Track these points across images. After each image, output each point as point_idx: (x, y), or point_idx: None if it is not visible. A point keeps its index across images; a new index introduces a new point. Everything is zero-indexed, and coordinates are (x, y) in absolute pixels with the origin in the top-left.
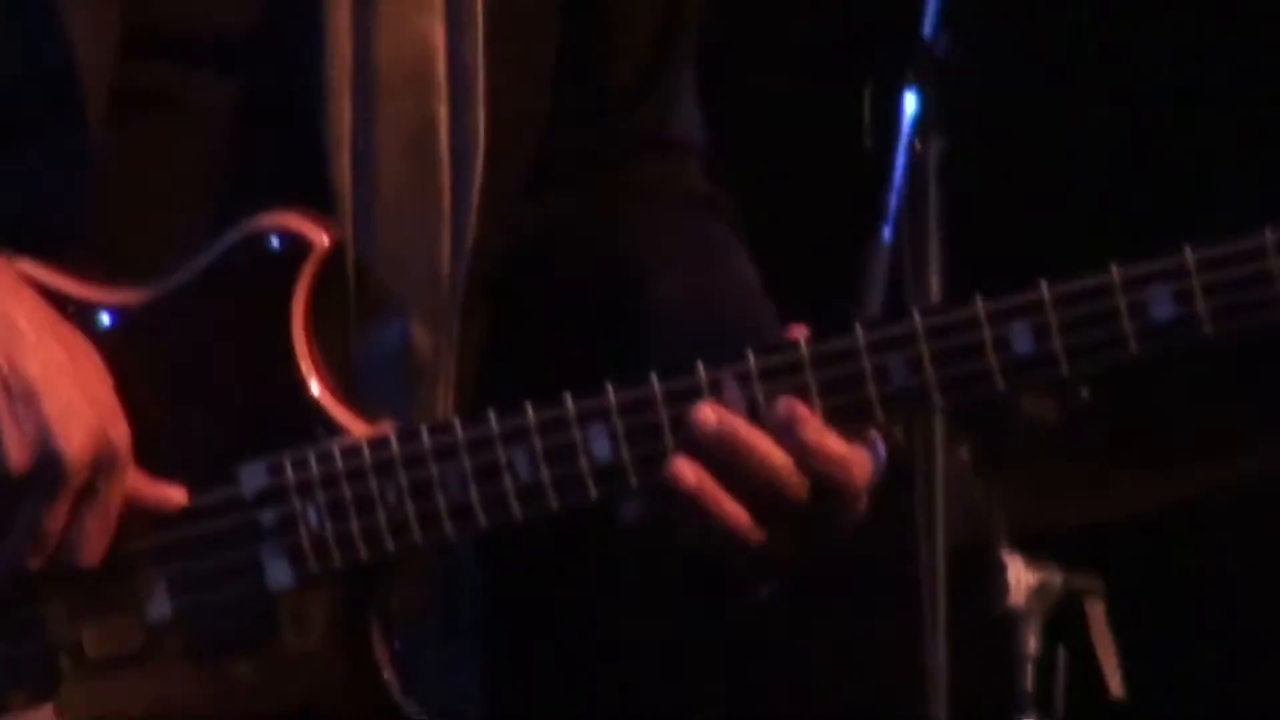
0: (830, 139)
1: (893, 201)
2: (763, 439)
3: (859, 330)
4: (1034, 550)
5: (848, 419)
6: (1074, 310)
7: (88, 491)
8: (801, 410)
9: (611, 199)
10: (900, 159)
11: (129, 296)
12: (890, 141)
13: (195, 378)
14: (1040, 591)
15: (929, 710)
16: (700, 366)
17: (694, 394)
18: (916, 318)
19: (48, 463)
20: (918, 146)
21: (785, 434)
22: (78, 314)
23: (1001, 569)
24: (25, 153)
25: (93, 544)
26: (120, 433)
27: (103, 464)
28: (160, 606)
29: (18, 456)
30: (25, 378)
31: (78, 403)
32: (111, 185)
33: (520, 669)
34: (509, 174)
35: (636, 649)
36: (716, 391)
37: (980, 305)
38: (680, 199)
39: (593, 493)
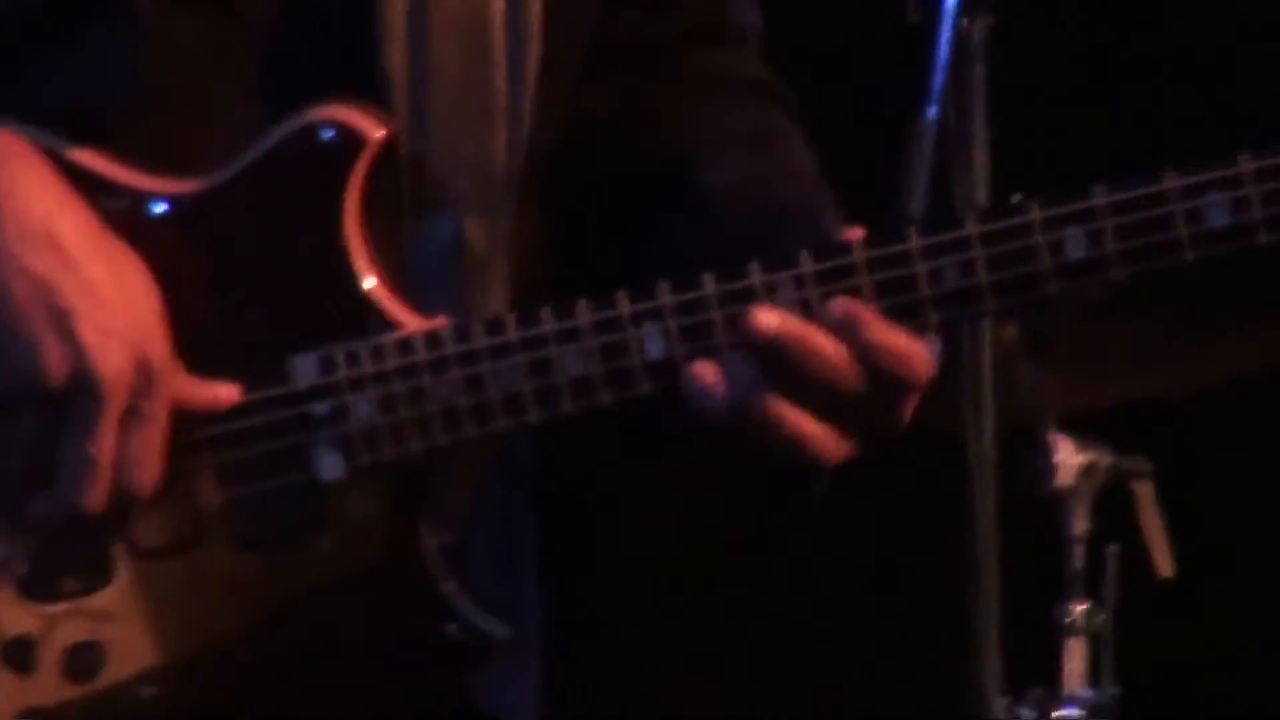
0: (874, 14)
1: (937, 79)
2: (824, 340)
3: (913, 234)
4: (1082, 431)
5: (900, 321)
6: (1128, 216)
7: (132, 411)
8: (859, 308)
9: (668, 88)
10: (945, 35)
11: (182, 187)
12: (935, 17)
13: (247, 270)
14: (1088, 472)
15: (980, 590)
16: (755, 268)
17: (749, 295)
18: (971, 224)
19: (87, 382)
20: (963, 23)
21: (845, 332)
22: (130, 202)
23: (1049, 450)
24: (79, 47)
25: (145, 467)
26: (159, 352)
27: (141, 384)
28: (212, 496)
29: (55, 374)
30: (65, 296)
31: (116, 323)
32: (164, 79)
33: (575, 583)
34: (565, 66)
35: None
36: (771, 294)
37: (1036, 211)
38: (737, 86)
39: (644, 387)
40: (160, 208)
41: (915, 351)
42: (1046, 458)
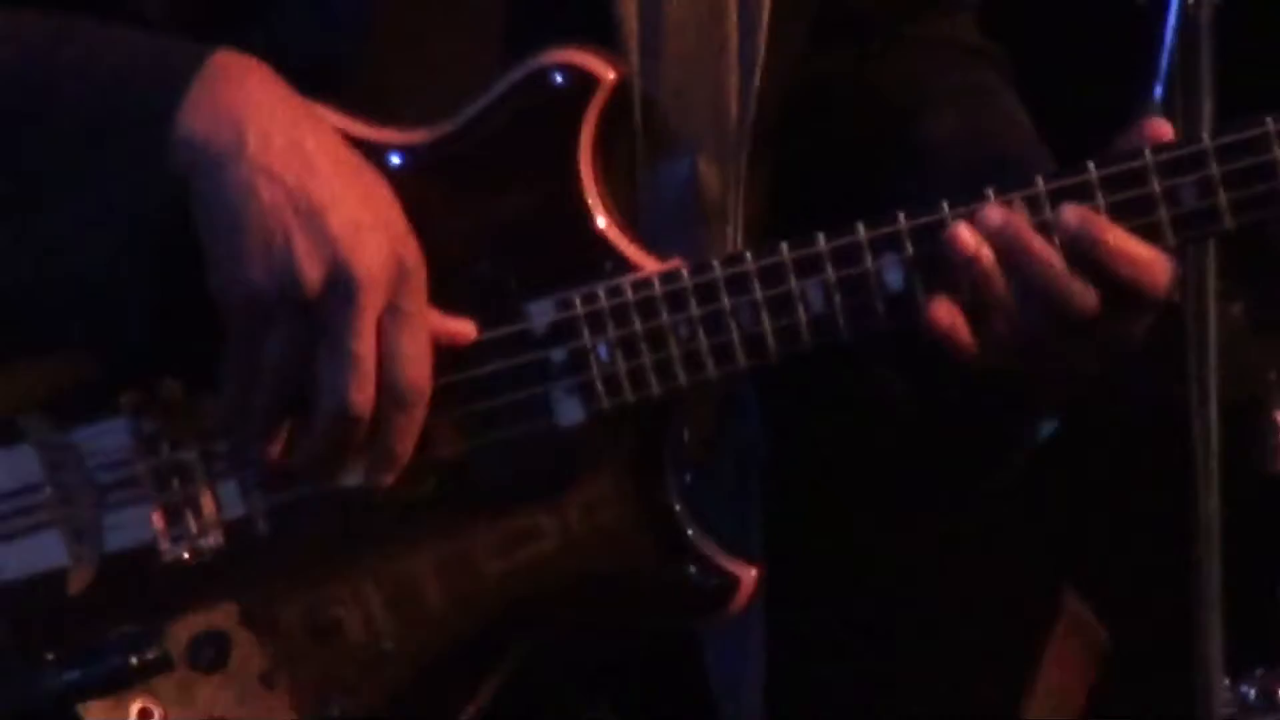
0: None
1: (1164, 60)
2: (1045, 246)
3: (1148, 153)
4: None
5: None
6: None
7: (392, 311)
8: (1092, 214)
9: (890, 50)
10: (1172, 15)
11: (413, 137)
12: None
13: (483, 215)
14: None
15: (1203, 568)
16: (990, 191)
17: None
18: (1206, 139)
19: (341, 277)
20: (1190, 2)
21: (1081, 240)
22: (363, 154)
23: (1274, 429)
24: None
25: (415, 365)
26: (412, 253)
27: (398, 281)
28: (451, 446)
29: (311, 273)
30: (313, 197)
31: (367, 222)
32: (397, 32)
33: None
34: (795, 16)
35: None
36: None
37: (1271, 124)
38: (954, 48)
39: (884, 320)
40: (395, 158)
41: (1156, 259)
42: (1273, 435)
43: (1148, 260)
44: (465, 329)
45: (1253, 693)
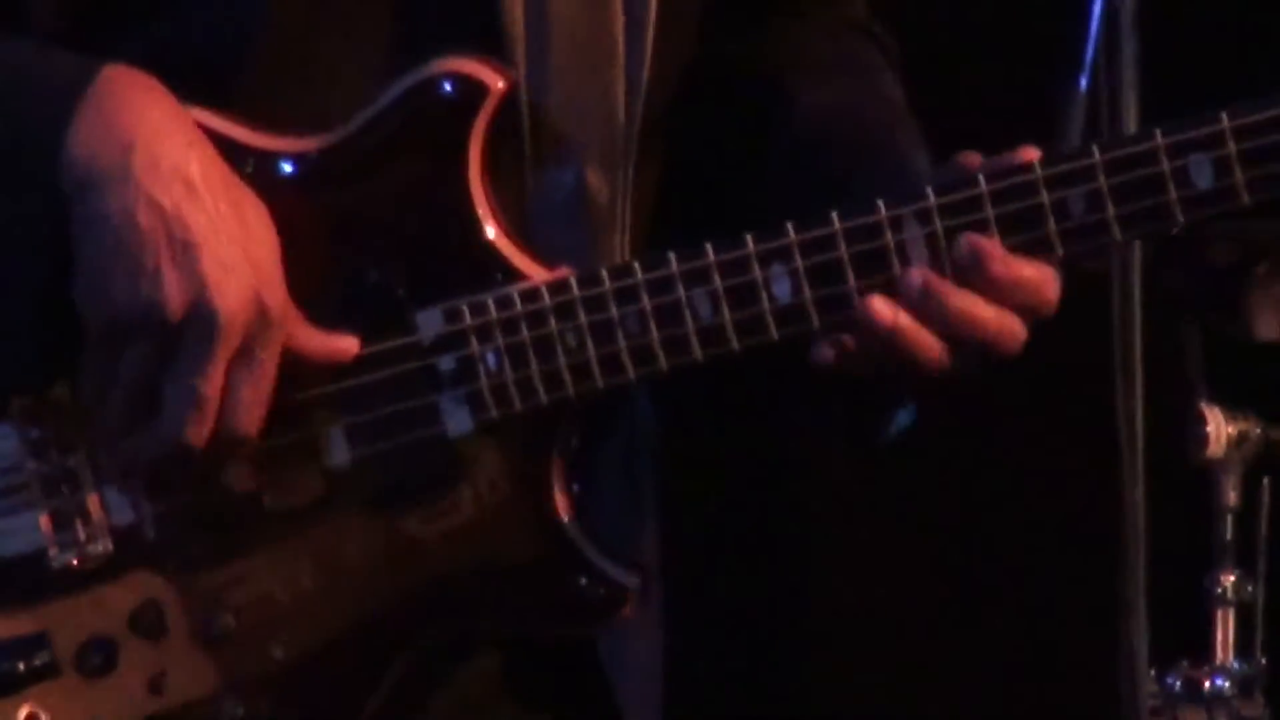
0: None
1: (1089, 49)
2: (966, 296)
3: (1037, 166)
4: (1234, 402)
5: (1028, 254)
6: (1254, 141)
7: (242, 355)
8: (985, 244)
9: (776, 30)
10: (1097, 6)
11: (302, 145)
12: None
13: (372, 224)
14: (1239, 443)
15: (1129, 562)
16: (881, 204)
17: (876, 231)
18: (1095, 152)
19: (202, 315)
20: None
21: (973, 271)
22: (253, 163)
23: (1201, 420)
24: (201, 3)
25: (248, 411)
26: (277, 300)
27: (257, 327)
28: (339, 455)
29: (174, 304)
30: (189, 229)
31: (237, 261)
32: (283, 35)
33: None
34: (682, 15)
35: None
36: (897, 229)
37: (1159, 138)
38: (839, 25)
39: (774, 333)
40: (282, 166)
41: (1045, 279)
42: (1198, 427)
43: (1037, 282)
44: (346, 345)
45: (1178, 684)
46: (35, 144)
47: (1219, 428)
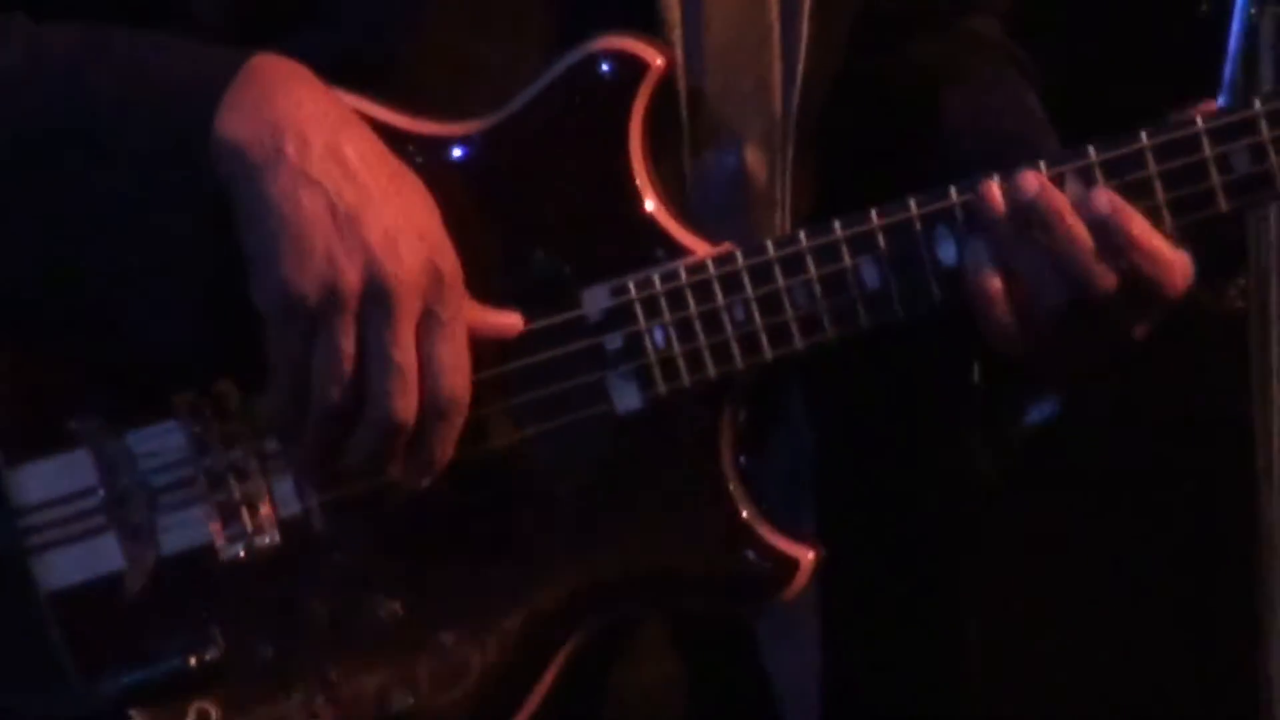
0: (1166, 6)
1: (1228, 69)
2: (1077, 220)
3: (1199, 119)
4: None
5: (1192, 209)
6: None
7: (428, 318)
8: (1124, 203)
9: (920, 44)
10: (1236, 25)
11: (465, 128)
12: (1226, 8)
13: (534, 204)
14: None
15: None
16: (1043, 161)
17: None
18: (1257, 103)
19: (378, 283)
20: (1254, 12)
21: (1108, 225)
22: (413, 148)
23: None
24: (356, 3)
25: (453, 374)
26: (449, 261)
27: (433, 290)
28: (506, 437)
29: (349, 277)
30: (350, 203)
31: (404, 228)
32: (440, 34)
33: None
34: (836, 8)
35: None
36: (1059, 185)
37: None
38: (978, 43)
39: (937, 296)
40: (443, 149)
41: (1176, 259)
42: None
43: (1169, 260)
44: (512, 321)
45: None
46: (185, 137)
47: None
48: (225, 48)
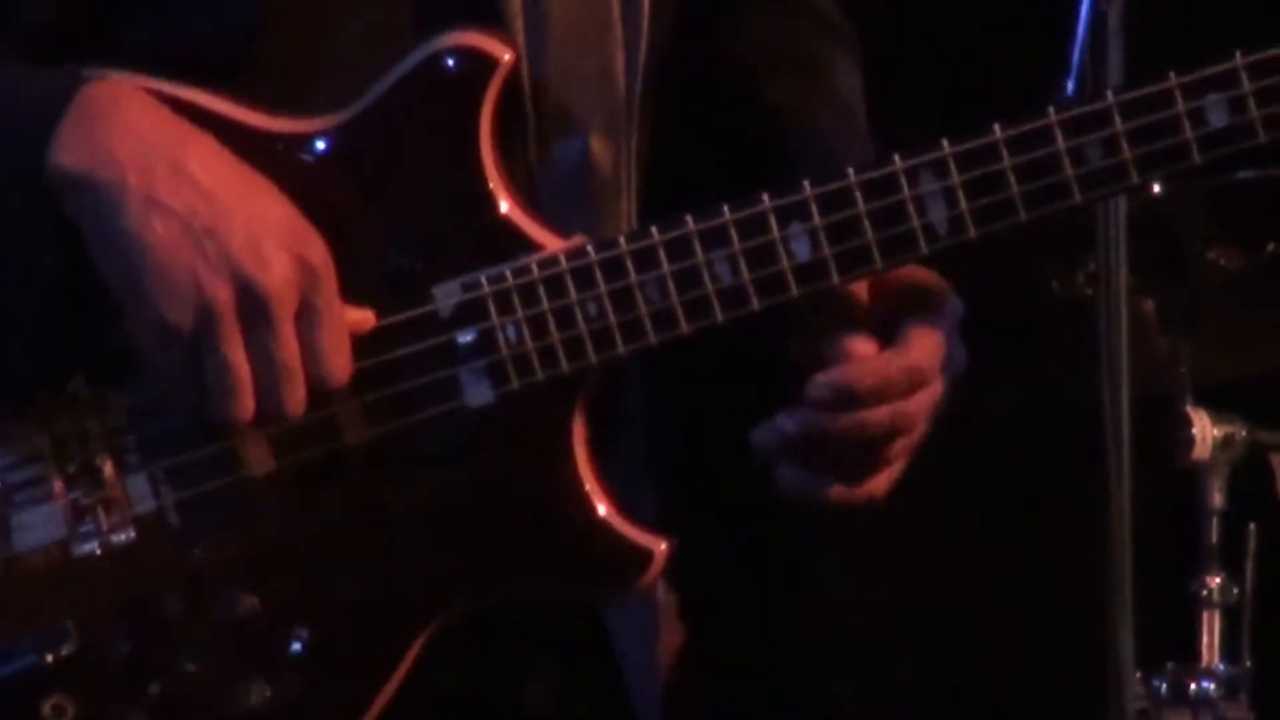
0: None
1: (1075, 55)
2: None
3: (1051, 112)
4: (1219, 404)
5: (1046, 201)
6: (1267, 80)
7: (307, 310)
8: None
9: (745, 21)
10: (1084, 10)
11: (314, 125)
12: None
13: (386, 201)
14: (1225, 445)
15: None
16: (897, 157)
17: (892, 184)
18: (1110, 96)
19: (251, 292)
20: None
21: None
22: (261, 145)
23: (1186, 423)
24: None
25: (331, 358)
26: (316, 250)
27: (306, 282)
28: (360, 432)
29: (220, 294)
30: (205, 219)
31: (264, 231)
32: (283, 21)
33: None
34: None
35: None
36: (913, 181)
37: (1174, 79)
38: (805, 16)
39: (794, 291)
40: (292, 147)
41: (920, 355)
42: (1183, 430)
43: (919, 367)
44: (364, 316)
45: (1164, 687)
46: (21, 169)
47: (1205, 430)
48: (53, 72)
